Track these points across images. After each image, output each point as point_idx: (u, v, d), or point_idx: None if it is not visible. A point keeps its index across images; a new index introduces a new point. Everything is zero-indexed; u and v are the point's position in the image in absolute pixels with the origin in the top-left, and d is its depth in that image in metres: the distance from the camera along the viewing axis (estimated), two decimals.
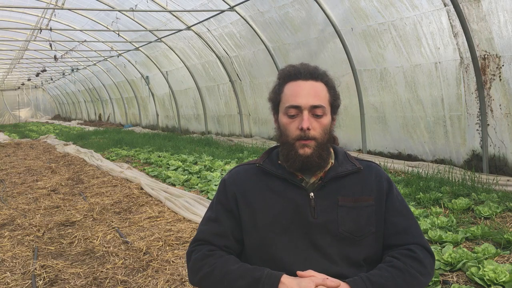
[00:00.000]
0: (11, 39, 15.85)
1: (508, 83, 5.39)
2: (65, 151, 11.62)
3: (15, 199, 6.34)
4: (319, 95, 1.53)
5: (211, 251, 1.57)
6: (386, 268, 1.48)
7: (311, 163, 1.52)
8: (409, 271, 1.47)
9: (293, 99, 1.52)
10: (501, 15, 5.17)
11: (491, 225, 3.90)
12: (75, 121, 28.28)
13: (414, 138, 6.92)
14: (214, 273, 1.51)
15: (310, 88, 1.52)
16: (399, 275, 1.46)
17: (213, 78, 12.34)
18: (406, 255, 1.51)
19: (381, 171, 1.64)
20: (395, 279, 1.45)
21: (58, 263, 3.74)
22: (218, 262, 1.52)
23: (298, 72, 1.55)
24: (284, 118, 1.54)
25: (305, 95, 1.51)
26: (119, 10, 11.43)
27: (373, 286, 1.42)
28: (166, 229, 4.48)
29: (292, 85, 1.54)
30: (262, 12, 8.77)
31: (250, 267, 1.49)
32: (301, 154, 1.50)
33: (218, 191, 1.68)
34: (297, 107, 1.51)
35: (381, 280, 1.43)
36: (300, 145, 1.51)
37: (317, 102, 1.51)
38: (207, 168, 7.69)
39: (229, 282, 1.47)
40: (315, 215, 1.52)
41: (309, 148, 1.50)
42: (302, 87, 1.52)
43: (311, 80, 1.54)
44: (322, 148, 1.53)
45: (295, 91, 1.53)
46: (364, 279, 1.43)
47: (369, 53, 7.16)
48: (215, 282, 1.50)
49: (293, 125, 1.52)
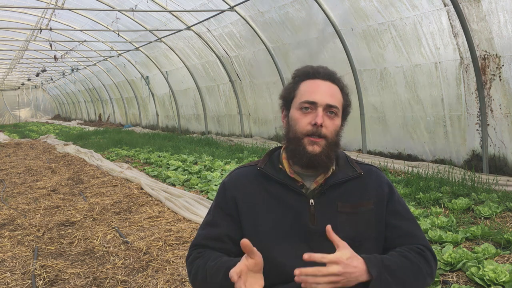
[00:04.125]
0: (11, 39, 15.85)
1: (508, 83, 5.39)
2: (65, 151, 11.62)
3: (15, 199, 6.34)
4: (335, 96, 1.54)
5: (200, 253, 1.58)
6: (397, 256, 1.49)
7: (318, 162, 1.51)
8: (418, 264, 1.49)
9: (309, 95, 1.52)
10: (501, 15, 5.17)
11: (491, 225, 3.90)
12: (75, 121, 28.28)
13: (414, 138, 6.92)
14: (198, 273, 1.53)
15: (328, 88, 1.53)
16: (408, 265, 1.47)
17: (213, 78, 12.34)
18: (416, 251, 1.53)
19: (381, 175, 1.64)
20: (405, 267, 1.46)
21: (58, 263, 3.74)
22: (201, 262, 1.54)
23: (317, 71, 1.56)
24: (297, 113, 1.54)
25: (322, 93, 1.52)
26: (119, 10, 11.43)
27: (386, 269, 1.41)
28: (166, 229, 4.48)
29: (310, 83, 1.55)
30: (262, 12, 8.77)
31: (225, 259, 1.50)
32: (309, 151, 1.49)
33: (217, 194, 1.68)
34: (313, 103, 1.51)
35: (393, 265, 1.44)
36: (309, 142, 1.50)
37: (333, 101, 1.52)
38: (207, 168, 7.69)
39: (210, 278, 1.48)
40: (314, 222, 1.52)
41: (319, 146, 1.50)
42: (320, 85, 1.53)
43: (329, 81, 1.55)
44: (331, 148, 1.52)
45: (312, 88, 1.53)
46: (378, 259, 1.43)
47: (369, 53, 7.16)
48: (202, 281, 1.52)
49: (305, 120, 1.51)
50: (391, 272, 1.42)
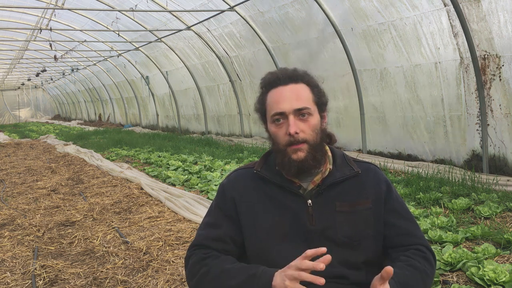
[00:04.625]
0: (11, 39, 15.85)
1: (508, 83, 5.39)
2: (65, 151, 11.62)
3: (15, 199, 6.34)
4: (302, 97, 1.51)
5: (206, 253, 1.58)
6: (406, 267, 1.49)
7: (306, 167, 1.51)
8: (425, 270, 1.50)
9: (276, 106, 1.51)
10: (501, 15, 5.17)
11: (491, 225, 3.90)
12: (75, 121, 28.28)
13: (414, 138, 6.92)
14: (210, 273, 1.51)
15: (291, 92, 1.51)
16: (417, 274, 1.48)
17: (213, 78, 12.34)
18: (419, 255, 1.53)
19: (379, 173, 1.64)
20: (416, 277, 1.47)
21: (58, 263, 3.74)
22: (214, 262, 1.53)
23: (277, 78, 1.54)
24: (272, 127, 1.54)
25: (287, 100, 1.50)
26: (119, 10, 11.43)
27: (402, 286, 1.42)
28: (166, 229, 4.48)
29: (274, 93, 1.54)
30: (262, 12, 8.77)
31: (245, 265, 1.50)
32: (294, 159, 1.50)
33: (217, 196, 1.68)
34: (281, 113, 1.50)
35: (405, 279, 1.44)
36: (292, 151, 1.50)
37: (300, 104, 1.50)
38: (207, 168, 7.69)
39: (225, 280, 1.47)
40: (313, 222, 1.52)
41: (302, 152, 1.49)
42: (283, 92, 1.52)
43: (291, 84, 1.53)
44: (316, 149, 1.52)
45: (277, 98, 1.52)
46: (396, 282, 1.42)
47: (369, 53, 7.16)
48: (211, 281, 1.50)
49: (281, 132, 1.51)
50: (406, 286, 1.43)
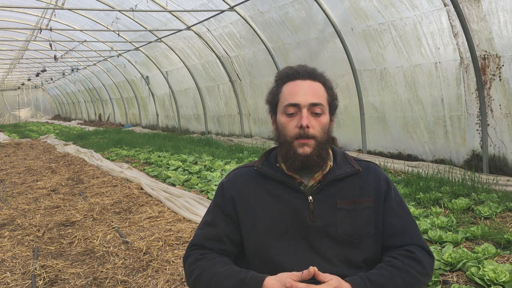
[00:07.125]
0: (11, 39, 15.84)
1: (508, 83, 5.39)
2: (65, 151, 11.62)
3: (15, 199, 6.34)
4: (318, 93, 1.53)
5: (202, 254, 1.58)
6: (385, 267, 1.48)
7: (310, 163, 1.51)
8: (407, 270, 1.47)
9: (291, 97, 1.52)
10: (501, 15, 5.17)
11: (491, 225, 3.90)
12: (75, 121, 28.28)
13: (414, 138, 6.92)
14: (203, 275, 1.52)
15: (309, 87, 1.52)
16: (398, 274, 1.46)
17: (213, 78, 12.34)
18: (404, 255, 1.52)
19: (379, 171, 1.64)
20: (394, 277, 1.45)
21: (58, 263, 3.74)
22: (207, 264, 1.54)
23: (296, 72, 1.55)
24: (283, 117, 1.54)
25: (304, 93, 1.51)
26: (119, 10, 11.43)
27: (372, 284, 1.42)
28: (166, 229, 4.48)
29: (291, 85, 1.55)
30: (262, 12, 8.77)
31: (236, 269, 1.50)
32: (300, 153, 1.50)
33: (216, 195, 1.68)
34: (296, 105, 1.50)
35: (380, 279, 1.44)
36: (299, 144, 1.50)
37: (316, 100, 1.51)
38: (207, 168, 7.69)
39: (216, 283, 1.48)
40: (313, 219, 1.52)
41: (309, 147, 1.50)
42: (301, 86, 1.53)
43: (309, 80, 1.54)
44: (322, 147, 1.52)
45: (293, 90, 1.53)
46: (363, 278, 1.43)
47: (369, 53, 7.16)
48: (204, 284, 1.51)
49: (291, 124, 1.51)
50: (380, 286, 1.42)
